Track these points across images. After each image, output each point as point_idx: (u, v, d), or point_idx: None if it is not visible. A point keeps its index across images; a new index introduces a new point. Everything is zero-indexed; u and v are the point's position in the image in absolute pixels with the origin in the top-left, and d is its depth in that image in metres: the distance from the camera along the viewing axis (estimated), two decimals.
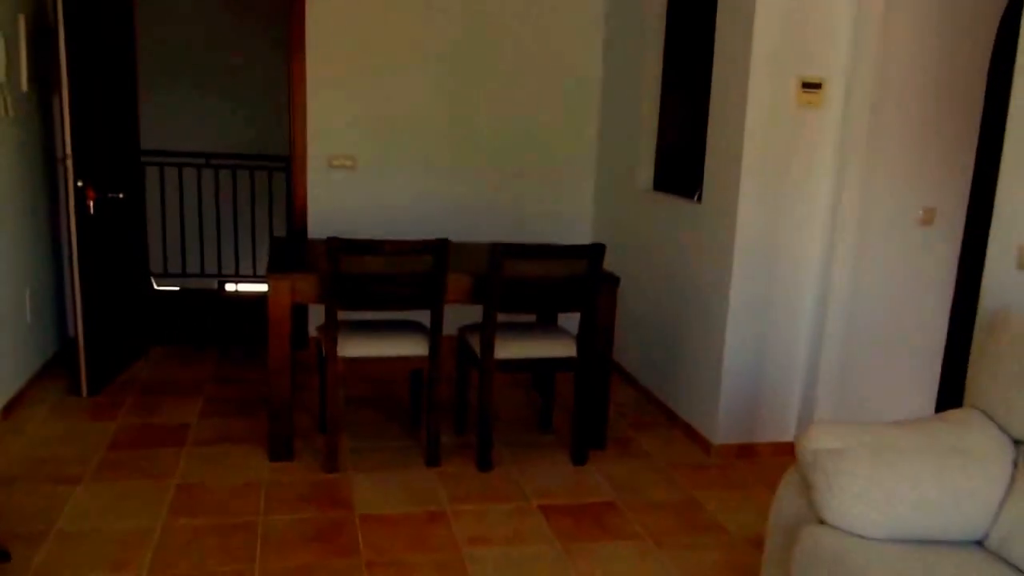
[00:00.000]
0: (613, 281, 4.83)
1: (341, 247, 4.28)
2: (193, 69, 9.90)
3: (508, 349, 4.64)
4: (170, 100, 9.73)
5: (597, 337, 4.78)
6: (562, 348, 4.74)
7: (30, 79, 5.57)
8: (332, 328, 4.45)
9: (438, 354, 4.62)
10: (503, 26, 6.64)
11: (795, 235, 4.90)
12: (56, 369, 6.02)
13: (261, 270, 9.97)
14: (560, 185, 6.98)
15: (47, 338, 5.98)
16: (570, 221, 7.03)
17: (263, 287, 10.69)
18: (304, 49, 6.33)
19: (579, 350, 4.74)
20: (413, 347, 4.62)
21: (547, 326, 5.06)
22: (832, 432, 2.99)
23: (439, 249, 4.39)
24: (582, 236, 7.00)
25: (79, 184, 5.28)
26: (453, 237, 6.34)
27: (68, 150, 5.20)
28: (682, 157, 6.14)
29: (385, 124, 6.58)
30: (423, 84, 6.58)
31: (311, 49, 6.36)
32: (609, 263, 5.12)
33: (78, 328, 5.40)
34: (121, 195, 5.85)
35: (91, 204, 5.40)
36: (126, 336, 6.14)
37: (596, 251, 4.53)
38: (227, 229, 9.77)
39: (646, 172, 6.20)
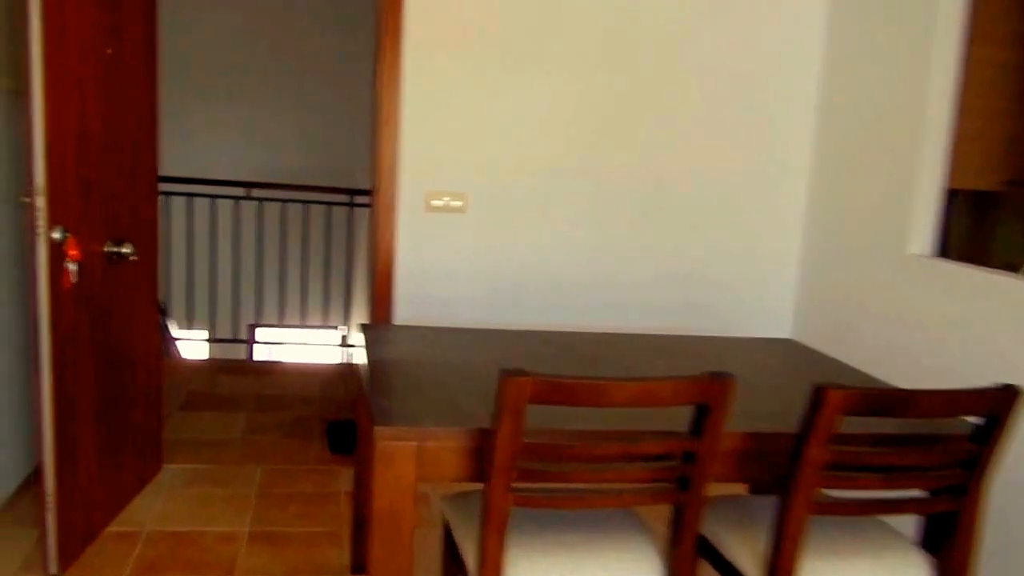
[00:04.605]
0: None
1: (529, 391, 2.17)
2: (232, 73, 7.86)
3: (820, 572, 2.50)
4: (202, 113, 7.72)
5: (963, 545, 2.62)
6: (909, 569, 2.58)
7: None
8: (497, 532, 2.31)
9: None
10: (673, 14, 4.64)
11: None
12: (18, 509, 4.00)
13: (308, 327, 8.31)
14: (751, 243, 4.96)
15: (2, 472, 3.88)
16: (761, 299, 4.99)
17: (311, 355, 9.02)
18: (400, 44, 4.25)
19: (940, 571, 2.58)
20: (636, 568, 2.48)
21: (861, 521, 2.85)
22: None
23: (714, 393, 2.28)
24: (776, 323, 4.90)
25: (55, 236, 3.20)
26: (601, 319, 4.67)
27: (39, 184, 3.12)
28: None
29: (509, 152, 4.58)
30: (563, 95, 4.60)
31: (410, 44, 4.32)
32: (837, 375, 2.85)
33: (46, 470, 3.32)
34: (126, 250, 3.76)
35: (73, 266, 3.31)
36: (125, 458, 4.06)
37: (1005, 399, 2.38)
38: (270, 277, 7.79)
39: (922, 230, 4.10)
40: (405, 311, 4.55)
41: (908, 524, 2.82)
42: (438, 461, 2.44)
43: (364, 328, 3.48)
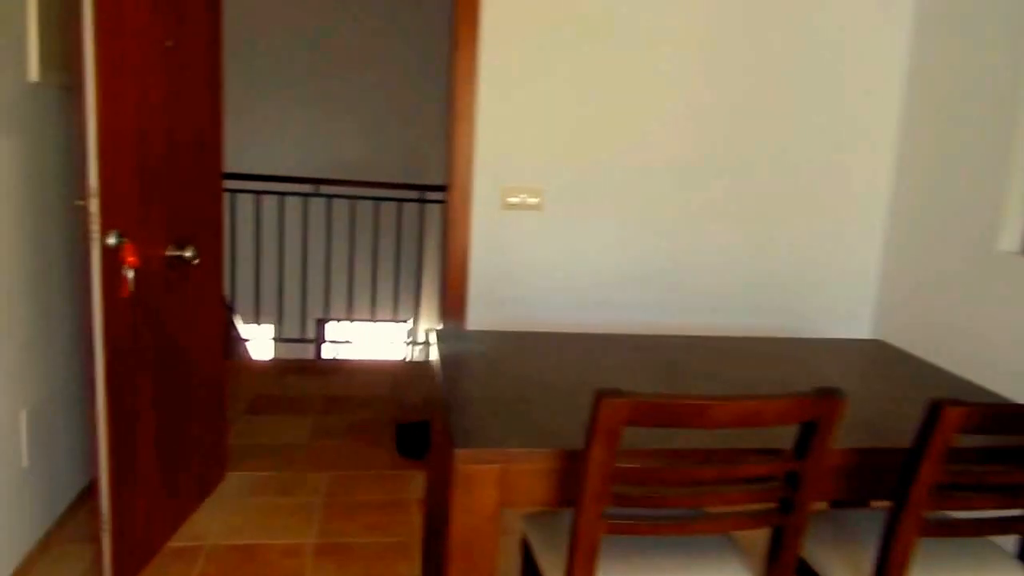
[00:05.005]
0: None
1: (626, 413, 1.95)
2: (300, 67, 7.69)
3: None
4: (269, 108, 7.56)
5: None
6: None
7: (46, 65, 3.34)
8: (586, 561, 2.11)
9: None
10: (754, 5, 4.37)
11: None
12: (73, 525, 3.81)
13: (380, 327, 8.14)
14: (832, 239, 4.67)
15: (57, 484, 3.75)
16: (840, 296, 4.72)
17: (380, 351, 8.86)
18: (477, 35, 4.06)
19: None
20: None
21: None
22: None
23: (823, 412, 2.06)
24: (856, 322, 4.70)
25: (110, 242, 3.02)
26: (679, 317, 4.50)
27: (91, 186, 2.95)
28: None
29: (586, 148, 4.33)
30: (642, 89, 4.34)
31: (487, 36, 4.15)
32: (924, 386, 2.59)
33: (101, 490, 3.15)
34: (189, 254, 3.58)
35: (130, 274, 3.12)
36: (187, 469, 3.89)
37: None
38: (339, 273, 7.62)
39: (1013, 226, 3.80)
40: (478, 312, 4.34)
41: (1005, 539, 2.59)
42: (521, 485, 2.24)
43: (438, 334, 3.28)
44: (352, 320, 8.38)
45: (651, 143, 4.36)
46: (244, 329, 8.48)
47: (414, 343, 8.92)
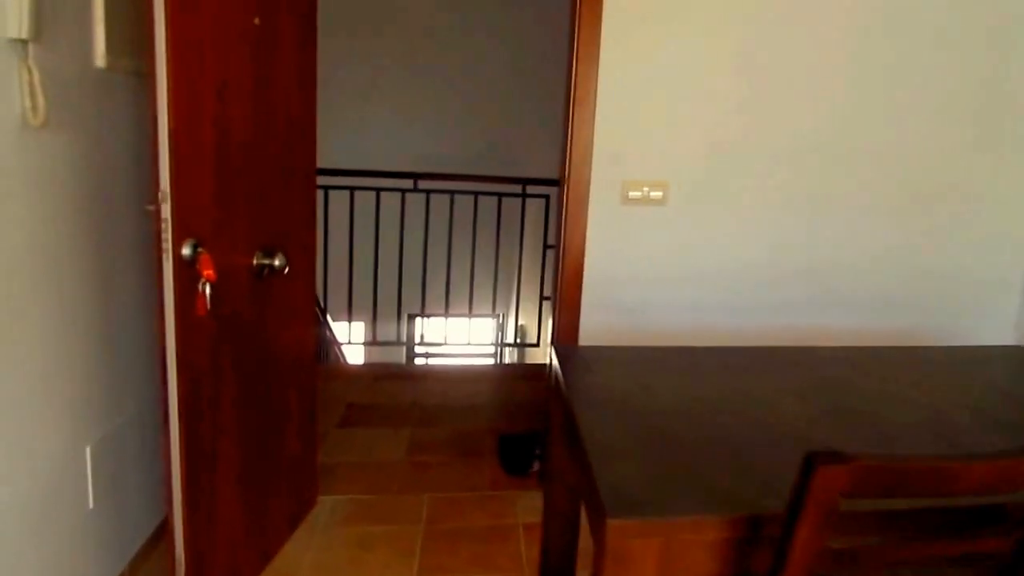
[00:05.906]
0: None
1: (846, 481, 1.50)
2: (400, 52, 7.33)
3: None
4: (364, 100, 7.20)
5: None
6: None
7: (115, 48, 2.94)
8: None
9: None
10: None
11: None
12: (145, 570, 3.44)
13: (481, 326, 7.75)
14: (972, 230, 4.15)
15: (127, 525, 3.35)
16: (982, 292, 4.20)
17: (475, 351, 8.50)
18: (599, 13, 3.60)
19: None
20: None
21: None
22: None
23: None
24: (998, 322, 4.19)
25: (185, 252, 2.60)
26: (811, 318, 4.02)
27: (164, 189, 2.53)
28: None
29: (715, 136, 3.85)
30: (775, 74, 3.83)
31: (610, 13, 3.66)
32: None
33: (176, 535, 2.75)
34: (278, 262, 3.16)
35: (207, 289, 2.69)
36: (275, 499, 3.50)
37: None
38: (435, 268, 7.24)
39: None
40: (595, 316, 3.91)
41: None
42: (687, 559, 1.80)
43: (559, 353, 2.83)
44: (447, 316, 8.04)
45: (785, 135, 3.88)
46: (336, 329, 8.14)
47: (511, 344, 8.53)
